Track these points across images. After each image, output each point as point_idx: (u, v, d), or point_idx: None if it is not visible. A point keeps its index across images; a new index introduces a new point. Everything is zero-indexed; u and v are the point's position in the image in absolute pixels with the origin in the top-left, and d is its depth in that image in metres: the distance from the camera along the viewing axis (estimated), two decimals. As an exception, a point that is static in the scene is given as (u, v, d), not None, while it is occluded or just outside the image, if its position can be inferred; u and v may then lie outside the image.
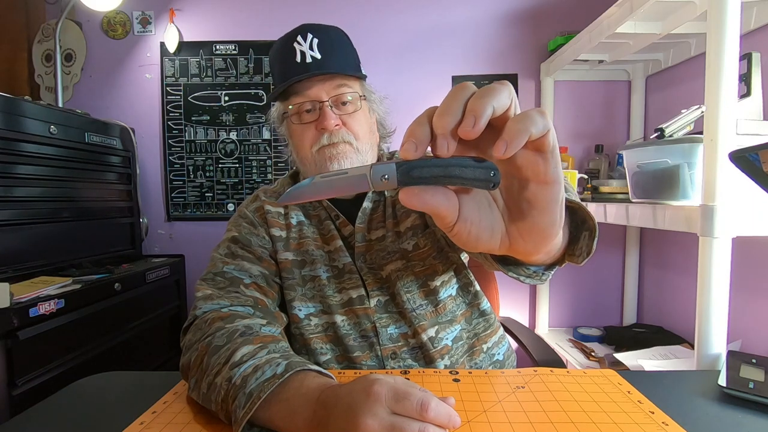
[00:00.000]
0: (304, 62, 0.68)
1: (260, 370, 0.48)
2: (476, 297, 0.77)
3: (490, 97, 0.27)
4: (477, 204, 0.31)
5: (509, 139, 0.26)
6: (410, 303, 0.71)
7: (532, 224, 0.31)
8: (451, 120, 0.27)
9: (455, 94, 0.28)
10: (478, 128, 0.26)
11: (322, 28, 0.71)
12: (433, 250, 0.73)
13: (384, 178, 0.28)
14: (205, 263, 0.77)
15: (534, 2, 1.72)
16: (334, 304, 0.72)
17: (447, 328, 0.73)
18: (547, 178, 0.29)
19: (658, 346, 1.25)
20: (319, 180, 0.31)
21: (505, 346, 0.80)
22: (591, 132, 1.75)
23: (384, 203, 0.76)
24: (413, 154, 0.28)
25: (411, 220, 0.74)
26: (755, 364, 0.56)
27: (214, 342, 0.55)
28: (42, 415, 0.52)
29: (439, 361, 0.71)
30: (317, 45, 0.68)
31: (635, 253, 1.69)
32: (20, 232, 1.18)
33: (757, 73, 0.90)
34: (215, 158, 1.75)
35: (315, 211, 0.77)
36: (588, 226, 0.46)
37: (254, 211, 0.78)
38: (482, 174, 0.28)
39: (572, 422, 0.47)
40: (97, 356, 1.22)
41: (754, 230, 0.75)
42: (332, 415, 0.41)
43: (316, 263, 0.73)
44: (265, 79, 1.73)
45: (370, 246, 0.74)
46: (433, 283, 0.72)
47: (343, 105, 0.70)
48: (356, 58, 0.75)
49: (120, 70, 1.76)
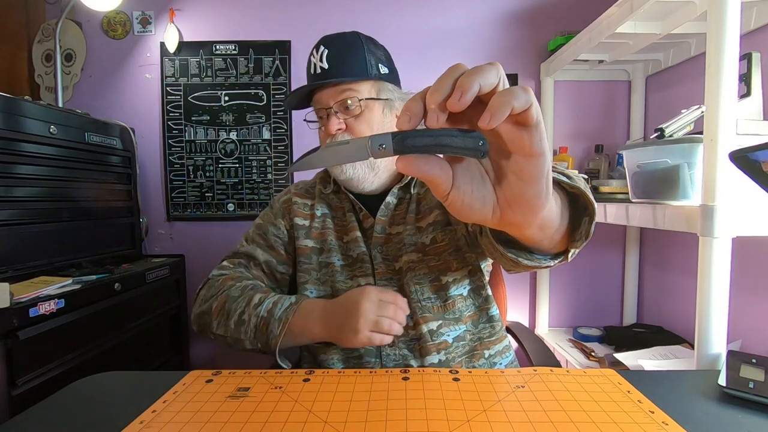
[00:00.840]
0: (315, 73, 0.77)
1: (279, 303, 0.70)
2: (487, 301, 0.79)
3: (478, 75, 0.29)
4: (470, 176, 0.34)
5: (493, 111, 0.29)
6: (417, 294, 0.75)
7: (520, 195, 0.33)
8: (440, 95, 0.30)
9: (447, 73, 0.31)
10: (464, 102, 0.29)
11: (334, 39, 0.78)
12: (449, 247, 0.77)
13: (381, 146, 0.31)
14: (205, 263, 0.80)
15: (534, 2, 1.72)
16: (342, 289, 0.78)
17: (451, 325, 0.75)
18: (532, 151, 0.31)
19: (658, 346, 1.25)
20: (324, 149, 0.34)
21: (509, 357, 0.81)
22: (591, 132, 1.75)
23: (409, 200, 0.82)
24: (407, 125, 0.31)
25: (433, 216, 0.78)
26: (755, 364, 0.56)
27: (231, 294, 0.75)
28: (42, 415, 0.52)
29: (434, 354, 0.73)
30: (326, 56, 0.75)
31: (635, 253, 1.69)
32: (20, 232, 1.18)
33: (757, 73, 0.90)
34: (215, 158, 1.75)
35: (340, 204, 0.85)
36: (588, 212, 0.48)
37: (282, 203, 0.88)
38: (471, 143, 0.30)
39: (572, 422, 0.47)
40: (97, 356, 1.22)
41: (754, 230, 0.74)
42: (337, 308, 0.68)
43: (332, 251, 0.81)
44: (265, 79, 1.74)
45: (389, 239, 0.80)
46: (445, 279, 0.76)
47: (347, 109, 0.76)
48: (368, 62, 0.78)
49: (120, 70, 1.76)
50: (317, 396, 0.55)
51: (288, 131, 1.74)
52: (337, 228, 0.83)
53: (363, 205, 0.81)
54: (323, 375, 0.61)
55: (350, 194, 0.82)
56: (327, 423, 0.48)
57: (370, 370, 0.62)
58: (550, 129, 1.69)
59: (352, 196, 0.82)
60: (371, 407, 0.51)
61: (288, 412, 0.51)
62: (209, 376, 0.61)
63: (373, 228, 0.80)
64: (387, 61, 0.81)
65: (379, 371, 0.62)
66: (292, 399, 0.54)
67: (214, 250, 1.76)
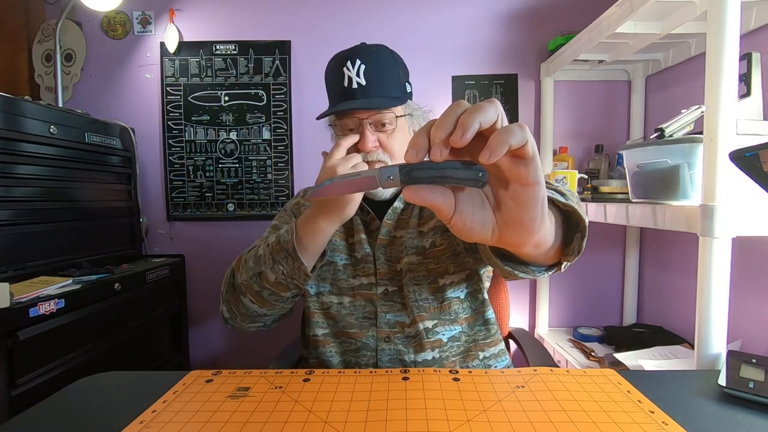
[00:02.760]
0: (351, 87, 0.76)
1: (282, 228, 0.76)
2: (483, 305, 0.83)
3: (478, 113, 0.32)
4: (471, 201, 0.37)
5: (492, 149, 0.31)
6: (415, 294, 0.79)
7: (518, 219, 0.36)
8: (443, 132, 0.32)
9: (450, 111, 0.33)
10: (465, 139, 0.31)
11: (371, 54, 0.78)
12: (448, 251, 0.80)
13: (389, 178, 0.34)
14: (205, 263, 0.81)
15: (534, 2, 1.72)
16: (344, 287, 0.82)
17: (447, 325, 0.79)
18: (529, 181, 0.34)
19: (658, 346, 1.25)
20: (338, 179, 0.37)
21: (504, 361, 0.84)
22: (591, 132, 1.75)
23: (413, 206, 0.85)
24: (414, 158, 0.33)
25: (435, 221, 0.82)
26: (755, 364, 0.56)
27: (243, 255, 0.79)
28: (42, 415, 0.52)
29: (428, 351, 0.77)
30: (364, 72, 0.76)
31: (635, 253, 1.69)
32: (20, 232, 1.18)
33: (757, 73, 0.90)
34: (215, 158, 1.75)
35: None
36: (580, 228, 0.51)
37: (293, 205, 0.94)
38: (472, 175, 0.33)
39: (572, 422, 0.47)
40: (97, 356, 1.22)
41: (754, 230, 0.74)
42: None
43: (336, 251, 0.84)
44: (265, 79, 1.74)
45: (393, 241, 0.83)
46: (442, 281, 0.79)
47: (383, 126, 0.77)
48: (401, 79, 0.80)
49: (120, 70, 1.76)
50: (317, 396, 0.55)
51: (288, 131, 1.74)
52: (343, 230, 0.86)
53: (371, 209, 0.85)
54: (323, 375, 0.61)
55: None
56: (327, 423, 0.48)
57: (370, 371, 0.62)
58: (550, 129, 1.69)
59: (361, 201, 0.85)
60: (371, 407, 0.51)
61: (288, 412, 0.51)
62: (209, 376, 0.61)
63: (379, 230, 0.83)
64: (407, 76, 0.84)
65: (379, 371, 0.62)
66: (292, 399, 0.54)
67: (214, 250, 1.77)
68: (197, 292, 1.76)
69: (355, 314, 0.81)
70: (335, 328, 0.82)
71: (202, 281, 1.76)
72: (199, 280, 1.76)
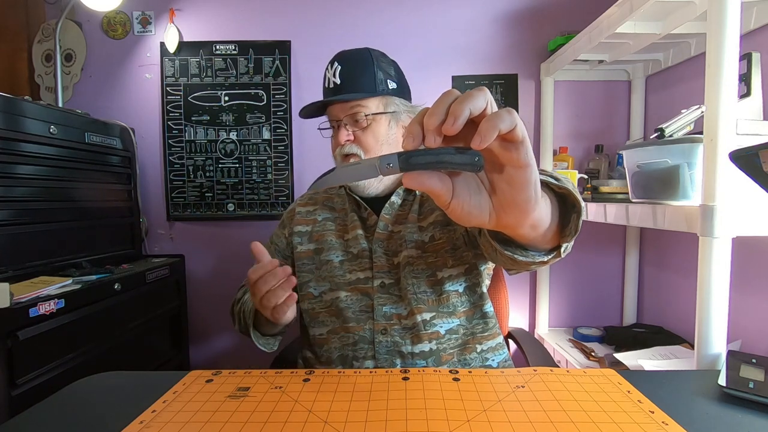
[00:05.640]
0: (328, 87, 0.84)
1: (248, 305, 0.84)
2: (481, 298, 0.83)
3: (468, 101, 0.33)
4: (468, 186, 0.39)
5: (482, 134, 0.33)
6: (413, 287, 0.80)
7: (512, 200, 0.38)
8: (436, 120, 0.34)
9: (441, 100, 0.35)
10: (457, 127, 0.33)
11: (348, 56, 0.84)
12: (447, 245, 0.81)
13: (389, 165, 0.35)
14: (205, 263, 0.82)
15: (534, 2, 1.72)
16: (341, 282, 0.84)
17: (444, 318, 0.80)
18: (520, 163, 0.36)
19: (658, 346, 1.25)
20: (339, 169, 0.39)
21: (502, 355, 0.84)
22: (591, 132, 1.75)
23: (412, 201, 0.87)
24: (411, 145, 0.35)
25: (434, 216, 0.83)
26: (755, 364, 0.56)
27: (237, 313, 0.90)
28: (42, 415, 0.52)
29: (425, 342, 0.78)
30: (339, 72, 0.83)
31: (635, 253, 1.69)
32: (20, 232, 1.18)
33: (757, 73, 0.90)
34: (215, 158, 1.75)
35: (343, 206, 0.92)
36: (576, 209, 0.52)
37: (287, 213, 0.98)
38: (468, 159, 0.35)
39: (572, 422, 0.47)
40: (97, 356, 1.21)
41: (754, 230, 0.74)
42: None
43: (331, 250, 0.87)
44: (265, 79, 1.73)
45: (391, 236, 0.85)
46: (441, 274, 0.81)
47: (356, 122, 0.83)
48: (378, 77, 0.84)
49: (120, 70, 1.76)
50: (317, 396, 0.55)
51: (288, 131, 1.74)
52: (338, 228, 0.89)
53: (367, 205, 0.87)
54: (323, 375, 0.61)
55: (355, 196, 0.88)
56: (327, 423, 0.48)
57: (370, 371, 0.62)
58: (550, 129, 1.69)
59: (357, 197, 0.88)
60: (371, 407, 0.51)
61: (288, 412, 0.51)
62: (209, 376, 0.61)
63: (376, 225, 0.85)
64: (396, 75, 0.88)
65: (379, 371, 0.62)
66: (292, 399, 0.54)
67: (214, 250, 1.77)
68: (197, 292, 1.76)
69: (352, 308, 0.82)
70: (336, 324, 0.83)
71: (202, 281, 1.76)
72: (199, 280, 1.76)
